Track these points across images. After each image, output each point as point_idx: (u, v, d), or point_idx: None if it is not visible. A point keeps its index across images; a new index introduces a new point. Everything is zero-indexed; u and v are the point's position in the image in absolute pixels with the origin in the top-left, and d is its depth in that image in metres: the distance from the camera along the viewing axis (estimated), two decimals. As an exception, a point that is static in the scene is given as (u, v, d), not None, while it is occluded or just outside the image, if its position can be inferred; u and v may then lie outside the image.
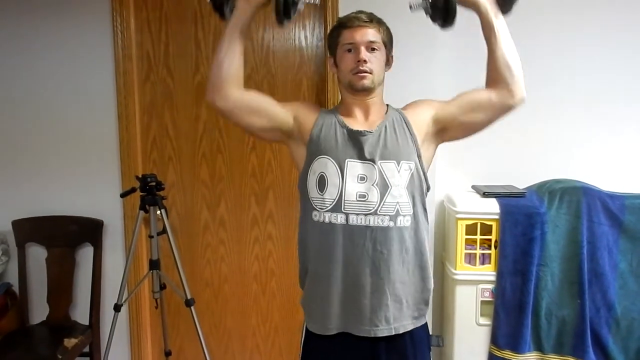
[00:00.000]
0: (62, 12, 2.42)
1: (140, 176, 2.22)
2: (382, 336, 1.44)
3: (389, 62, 1.51)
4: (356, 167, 1.41)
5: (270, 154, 2.52)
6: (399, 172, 1.42)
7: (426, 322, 1.55)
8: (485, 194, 2.24)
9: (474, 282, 2.18)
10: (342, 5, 2.29)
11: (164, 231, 2.22)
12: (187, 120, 2.52)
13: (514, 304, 2.13)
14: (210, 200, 2.56)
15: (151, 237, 2.26)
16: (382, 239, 1.40)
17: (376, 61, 1.44)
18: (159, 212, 2.21)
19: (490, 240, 2.17)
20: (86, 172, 2.50)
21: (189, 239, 2.59)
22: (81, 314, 2.53)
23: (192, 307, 2.23)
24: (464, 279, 2.18)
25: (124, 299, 2.26)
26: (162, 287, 2.35)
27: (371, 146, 1.42)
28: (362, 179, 1.41)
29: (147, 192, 2.20)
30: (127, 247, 2.49)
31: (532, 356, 2.16)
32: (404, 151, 1.44)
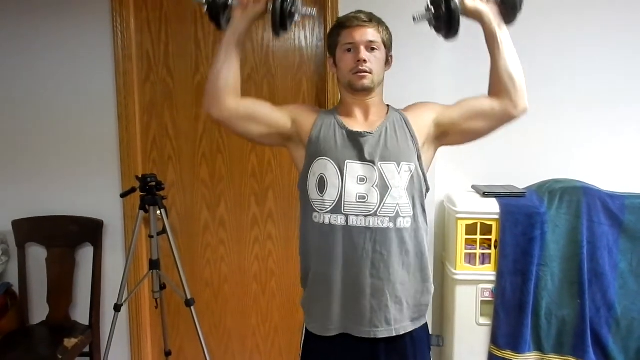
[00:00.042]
0: (62, 12, 2.42)
1: (140, 176, 2.22)
2: (382, 337, 1.44)
3: (388, 61, 1.51)
4: (356, 168, 1.41)
5: (270, 154, 2.52)
6: (399, 173, 1.41)
7: (426, 322, 1.55)
8: (485, 194, 2.24)
9: (474, 282, 2.18)
10: (342, 5, 2.29)
11: (164, 231, 2.22)
12: (187, 120, 2.52)
13: (514, 304, 2.13)
14: (210, 200, 2.56)
15: (151, 237, 2.26)
16: (382, 240, 1.40)
17: (376, 61, 1.44)
18: (159, 212, 2.21)
19: (490, 240, 2.17)
20: (86, 172, 2.50)
21: (189, 239, 2.59)
22: (81, 314, 2.53)
23: (192, 307, 2.23)
24: (464, 278, 2.18)
25: (124, 299, 2.26)
26: (162, 287, 2.35)
27: (371, 147, 1.42)
28: (362, 180, 1.41)
29: (147, 192, 2.20)
30: (127, 247, 2.49)
31: (532, 356, 2.16)
32: (404, 152, 1.43)
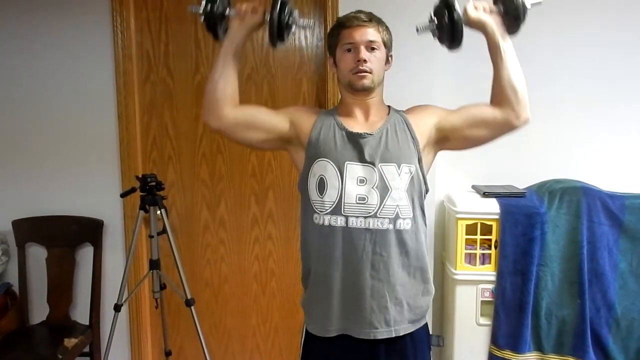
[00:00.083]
0: (62, 12, 2.42)
1: (140, 176, 2.22)
2: (381, 338, 1.44)
3: (388, 61, 1.50)
4: (356, 170, 1.41)
5: (270, 154, 2.52)
6: (399, 175, 1.41)
7: (426, 323, 1.54)
8: (485, 194, 2.24)
9: (474, 282, 2.18)
10: (342, 5, 2.29)
11: (164, 231, 2.22)
12: (187, 120, 2.52)
13: (514, 304, 2.13)
14: (210, 200, 2.56)
15: (151, 237, 2.26)
16: (382, 241, 1.40)
17: (376, 61, 1.44)
18: (159, 212, 2.21)
19: (490, 240, 2.17)
20: (86, 172, 2.50)
21: (189, 239, 2.59)
22: (81, 314, 2.53)
23: (192, 307, 2.23)
24: (464, 279, 2.18)
25: (124, 299, 2.26)
26: (162, 287, 2.35)
27: (371, 148, 1.42)
28: (362, 181, 1.40)
29: (147, 192, 2.20)
30: (127, 247, 2.49)
31: (532, 356, 2.16)
32: (405, 154, 1.43)
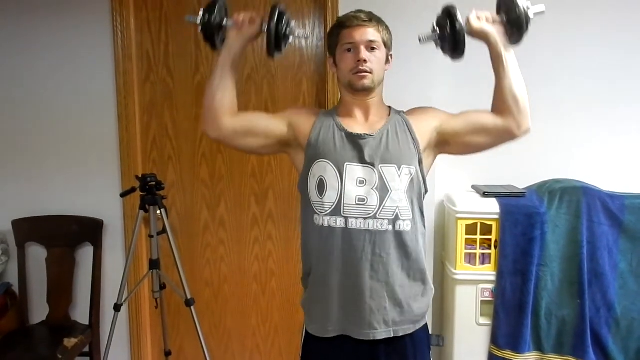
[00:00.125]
0: (62, 12, 2.42)
1: (140, 176, 2.22)
2: (381, 339, 1.44)
3: (388, 61, 1.50)
4: (356, 171, 1.41)
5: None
6: (399, 176, 1.41)
7: (426, 323, 1.54)
8: (485, 194, 2.24)
9: (474, 282, 2.18)
10: (342, 4, 2.29)
11: (164, 231, 2.22)
12: (187, 120, 2.52)
13: (514, 304, 2.13)
14: (210, 200, 2.56)
15: (151, 236, 2.26)
16: (381, 242, 1.40)
17: (376, 60, 1.43)
18: (158, 212, 2.21)
19: (490, 240, 2.17)
20: (86, 172, 2.50)
21: (188, 239, 2.59)
22: (81, 314, 2.53)
23: (192, 307, 2.23)
24: (464, 278, 2.18)
25: (124, 299, 2.26)
26: (162, 287, 2.35)
27: (372, 149, 1.42)
28: (362, 182, 1.40)
29: (147, 192, 2.20)
30: (127, 247, 2.49)
31: (532, 356, 2.16)
32: (405, 155, 1.43)
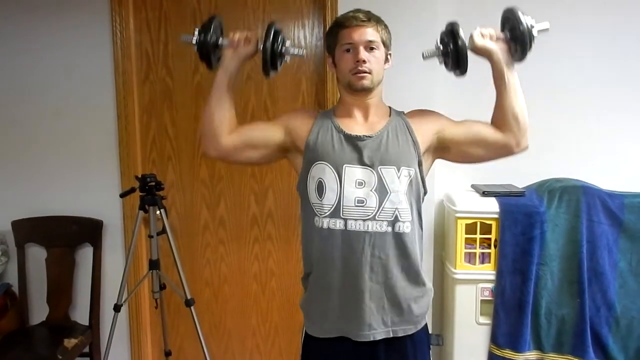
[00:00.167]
0: (62, 12, 2.42)
1: (139, 176, 2.22)
2: (381, 339, 1.44)
3: (387, 60, 1.49)
4: (355, 172, 1.40)
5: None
6: (398, 178, 1.41)
7: (426, 324, 1.54)
8: (484, 193, 2.24)
9: (473, 281, 2.18)
10: (341, 4, 2.28)
11: (164, 231, 2.22)
12: (187, 119, 2.52)
13: (514, 303, 2.13)
14: (209, 200, 2.56)
15: (151, 237, 2.26)
16: (381, 244, 1.39)
17: (375, 60, 1.43)
18: (158, 212, 2.21)
19: (489, 239, 2.17)
20: (86, 172, 2.50)
21: (188, 239, 2.59)
22: (81, 314, 2.53)
23: (192, 307, 2.23)
24: (464, 278, 2.18)
25: (123, 299, 2.26)
26: (162, 287, 2.35)
27: (371, 151, 1.42)
28: (361, 184, 1.40)
29: (147, 192, 2.20)
30: (126, 247, 2.48)
31: (531, 355, 2.16)
32: (405, 157, 1.43)
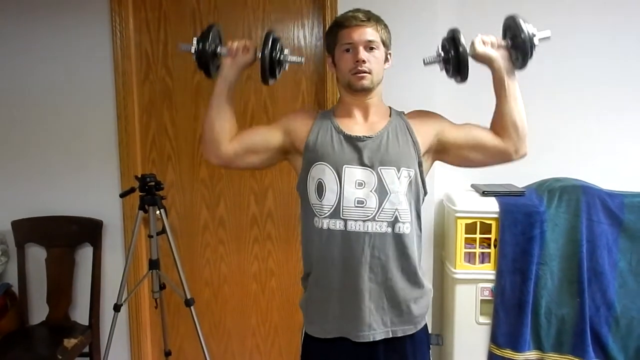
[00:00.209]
0: (62, 12, 2.42)
1: (139, 176, 2.22)
2: (380, 339, 1.44)
3: (387, 59, 1.49)
4: (354, 173, 1.40)
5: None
6: (398, 178, 1.41)
7: (426, 324, 1.54)
8: (484, 193, 2.24)
9: (473, 280, 2.18)
10: (340, 3, 2.28)
11: (164, 231, 2.22)
12: (186, 119, 2.52)
13: (514, 303, 2.13)
14: (209, 199, 2.56)
15: (150, 237, 2.26)
16: (380, 245, 1.39)
17: (375, 60, 1.43)
18: (158, 212, 2.21)
19: (489, 239, 2.17)
20: (86, 172, 2.50)
21: (188, 239, 2.59)
22: (81, 314, 2.53)
23: (192, 307, 2.23)
24: (464, 277, 2.18)
25: (123, 299, 2.26)
26: (162, 287, 2.35)
27: (371, 151, 1.41)
28: (360, 184, 1.40)
29: (147, 192, 2.20)
30: (126, 247, 2.48)
31: (531, 355, 2.16)
32: (405, 158, 1.43)
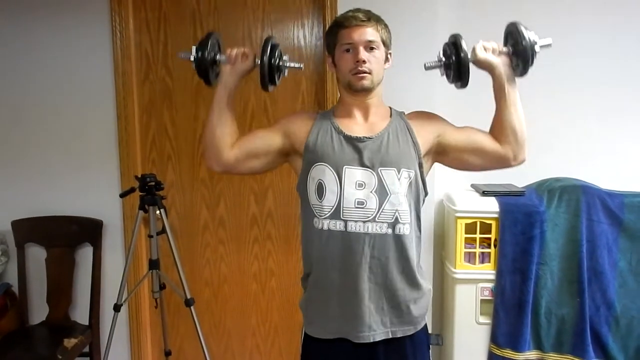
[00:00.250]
0: (62, 12, 2.42)
1: (139, 176, 2.22)
2: (380, 340, 1.44)
3: (387, 59, 1.49)
4: (355, 174, 1.40)
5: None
6: (399, 179, 1.41)
7: (425, 324, 1.54)
8: (484, 193, 2.24)
9: (473, 280, 2.18)
10: (340, 3, 2.28)
11: (164, 231, 2.22)
12: (186, 119, 2.52)
13: (514, 303, 2.13)
14: (209, 199, 2.56)
15: (150, 236, 2.26)
16: (380, 246, 1.39)
17: (375, 60, 1.43)
18: (158, 212, 2.21)
19: (489, 238, 2.17)
20: (86, 172, 2.50)
21: (188, 239, 2.59)
22: (81, 314, 2.53)
23: (192, 307, 2.23)
24: (464, 277, 2.18)
25: (123, 299, 2.26)
26: (162, 287, 2.35)
27: (371, 152, 1.41)
28: (361, 185, 1.40)
29: (147, 192, 2.20)
30: (126, 247, 2.48)
31: (531, 355, 2.16)
32: (405, 158, 1.43)
